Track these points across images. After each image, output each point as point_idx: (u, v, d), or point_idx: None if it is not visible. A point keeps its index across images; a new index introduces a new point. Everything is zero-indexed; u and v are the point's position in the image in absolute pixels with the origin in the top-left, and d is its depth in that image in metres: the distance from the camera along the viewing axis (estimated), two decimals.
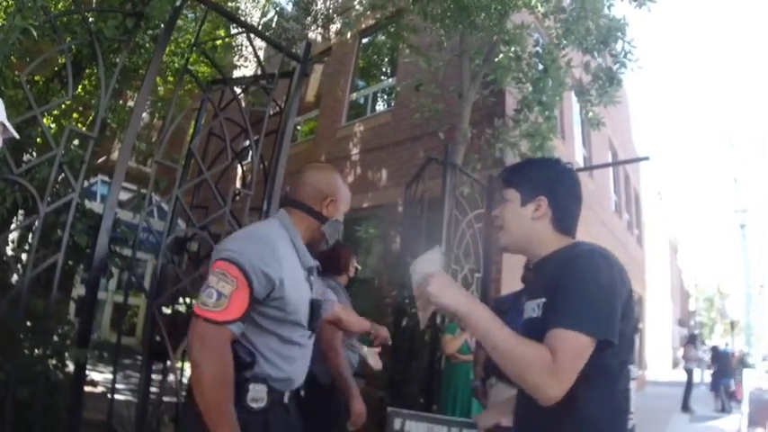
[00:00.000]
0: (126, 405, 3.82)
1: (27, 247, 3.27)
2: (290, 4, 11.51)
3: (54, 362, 3.05)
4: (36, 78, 5.19)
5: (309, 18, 10.49)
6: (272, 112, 4.00)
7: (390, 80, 10.22)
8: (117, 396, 3.17)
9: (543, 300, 1.43)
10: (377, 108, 10.35)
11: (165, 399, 3.42)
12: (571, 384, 1.27)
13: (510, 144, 6.45)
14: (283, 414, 1.77)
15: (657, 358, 29.44)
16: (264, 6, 11.77)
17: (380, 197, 8.67)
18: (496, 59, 6.14)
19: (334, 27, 10.81)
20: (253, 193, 3.69)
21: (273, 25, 11.21)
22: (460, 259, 5.66)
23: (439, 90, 6.86)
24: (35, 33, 2.96)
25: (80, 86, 5.81)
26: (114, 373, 3.08)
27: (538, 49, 6.46)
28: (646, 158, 9.53)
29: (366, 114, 10.27)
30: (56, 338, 3.14)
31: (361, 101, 10.74)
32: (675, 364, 32.16)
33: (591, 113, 6.87)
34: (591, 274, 1.37)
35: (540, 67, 6.28)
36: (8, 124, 2.28)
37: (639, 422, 10.06)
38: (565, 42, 6.36)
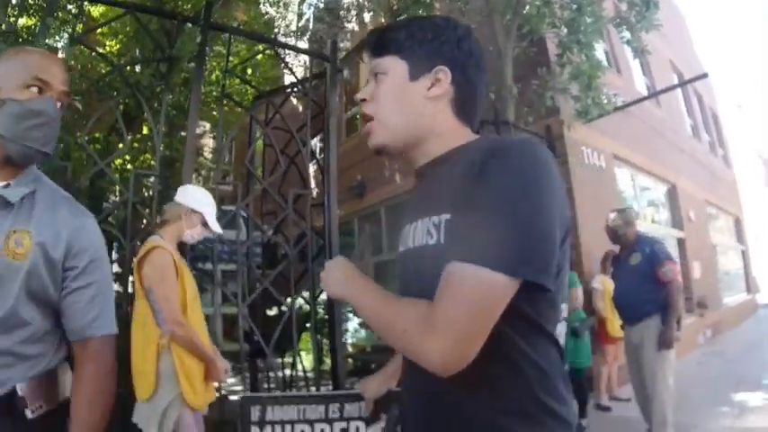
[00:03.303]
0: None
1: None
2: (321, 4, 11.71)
3: None
4: (96, 135, 5.64)
5: (342, 12, 10.61)
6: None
7: None
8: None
9: (447, 216, 0.96)
10: None
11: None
12: (473, 341, 0.84)
13: (560, 90, 6.36)
14: None
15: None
16: (299, 9, 11.99)
17: None
18: (524, 11, 6.05)
19: (367, 17, 10.88)
20: (311, 192, 3.90)
21: (311, 26, 11.44)
22: None
23: None
24: (79, 101, 3.25)
25: (144, 127, 6.27)
26: None
27: None
28: (704, 76, 8.86)
29: None
30: None
31: None
32: None
33: (635, 42, 6.60)
34: (527, 178, 0.89)
35: (575, 6, 6.10)
36: (213, 222, 2.54)
37: (757, 345, 9.53)
38: None
